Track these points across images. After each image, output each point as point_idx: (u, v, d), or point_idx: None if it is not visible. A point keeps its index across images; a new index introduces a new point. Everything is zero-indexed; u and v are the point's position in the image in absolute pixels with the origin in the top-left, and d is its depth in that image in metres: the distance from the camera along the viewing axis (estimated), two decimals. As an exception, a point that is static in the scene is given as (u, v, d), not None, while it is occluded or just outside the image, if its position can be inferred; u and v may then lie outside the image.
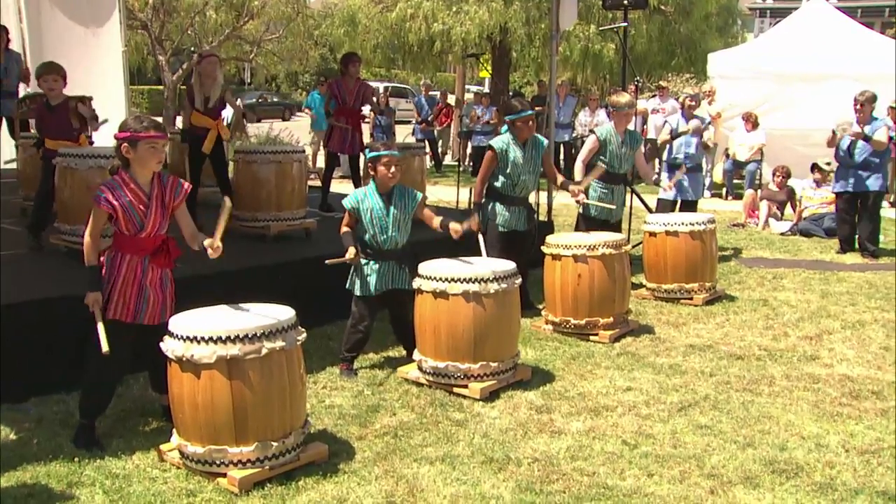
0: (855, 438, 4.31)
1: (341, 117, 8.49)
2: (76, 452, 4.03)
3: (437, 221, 5.21)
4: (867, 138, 8.53)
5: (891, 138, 9.15)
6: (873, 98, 8.78)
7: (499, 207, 6.41)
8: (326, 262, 5.03)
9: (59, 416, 4.48)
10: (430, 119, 17.45)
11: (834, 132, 8.80)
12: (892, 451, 4.16)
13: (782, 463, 4.00)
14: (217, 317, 3.92)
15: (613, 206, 7.07)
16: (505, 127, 6.47)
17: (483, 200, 6.49)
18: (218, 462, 3.77)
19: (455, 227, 5.12)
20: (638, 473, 3.91)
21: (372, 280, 5.14)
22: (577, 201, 6.96)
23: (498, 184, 6.39)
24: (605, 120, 11.20)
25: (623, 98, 7.26)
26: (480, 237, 6.05)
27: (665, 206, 8.52)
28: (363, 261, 5.15)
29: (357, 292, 5.18)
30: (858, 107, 8.72)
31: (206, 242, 4.03)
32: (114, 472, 3.88)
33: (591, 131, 7.42)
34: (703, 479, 3.85)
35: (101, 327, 3.92)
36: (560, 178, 6.66)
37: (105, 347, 3.86)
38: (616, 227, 7.27)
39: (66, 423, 4.35)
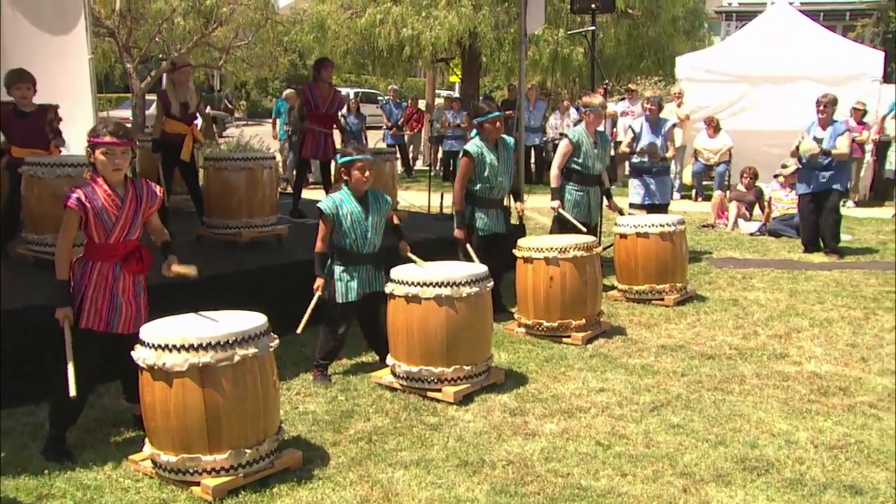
0: (823, 434, 4.37)
1: (314, 123, 8.45)
2: (46, 464, 3.99)
3: (391, 226, 5.37)
4: (827, 153, 8.68)
5: (853, 140, 9.29)
6: (834, 101, 8.94)
7: (478, 213, 6.41)
8: (298, 331, 5.07)
9: (28, 428, 4.43)
10: (399, 124, 17.45)
11: (797, 151, 8.90)
12: (859, 445, 4.22)
13: (753, 460, 4.05)
14: (188, 324, 3.90)
15: (584, 230, 6.99)
16: (474, 131, 6.49)
17: (462, 211, 6.45)
18: (191, 470, 3.75)
19: (406, 251, 5.30)
20: (611, 473, 3.94)
21: (353, 286, 5.14)
22: (553, 208, 7.08)
23: (477, 189, 6.38)
24: (576, 122, 11.26)
25: (596, 99, 7.35)
26: (468, 246, 6.13)
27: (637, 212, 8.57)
28: (340, 267, 5.14)
29: (338, 300, 5.15)
30: (821, 108, 8.87)
31: (172, 267, 4.18)
32: (85, 483, 3.85)
33: (564, 135, 7.42)
34: (676, 478, 3.88)
35: (71, 369, 3.85)
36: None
37: (73, 392, 3.81)
38: (594, 230, 7.32)
39: (36, 434, 4.31)
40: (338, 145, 8.98)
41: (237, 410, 3.76)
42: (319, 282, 5.12)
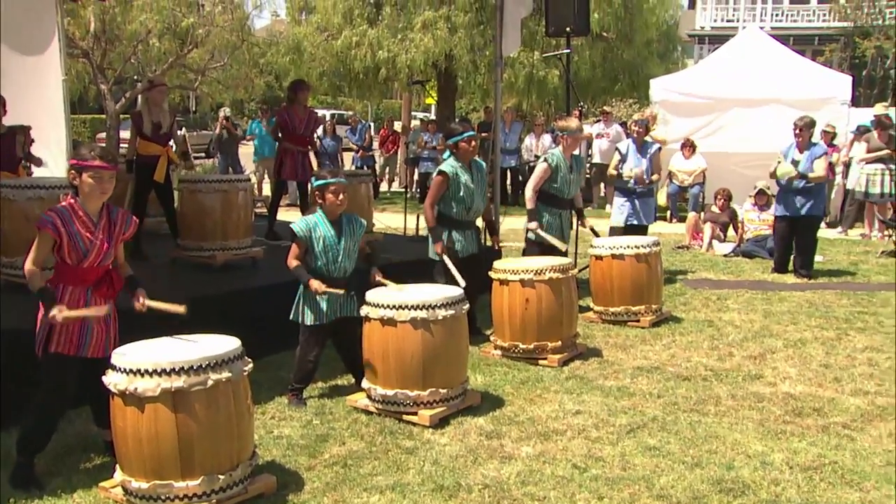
0: (798, 455, 4.39)
1: (291, 144, 8.43)
2: (13, 493, 3.91)
3: (362, 256, 5.30)
4: (804, 177, 8.74)
5: (829, 164, 9.39)
6: (812, 123, 9.01)
7: (455, 234, 6.38)
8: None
9: (-5, 455, 4.34)
10: (365, 146, 17.62)
11: (774, 173, 8.96)
12: (833, 466, 4.24)
13: (729, 482, 4.05)
14: (161, 348, 3.86)
15: (564, 246, 6.97)
16: (447, 153, 6.49)
17: (437, 227, 6.44)
18: (163, 497, 3.70)
19: (377, 276, 5.21)
20: (588, 497, 3.93)
21: (323, 309, 5.10)
22: (529, 229, 7.09)
23: (454, 211, 6.37)
24: (550, 145, 11.29)
25: (573, 122, 7.39)
26: (447, 260, 6.09)
27: (617, 232, 8.58)
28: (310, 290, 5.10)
29: (307, 322, 5.12)
30: (798, 131, 8.92)
31: (147, 303, 4.10)
32: (54, 511, 3.77)
33: (544, 159, 7.40)
34: (653, 501, 3.88)
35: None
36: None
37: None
38: (565, 252, 7.33)
39: (3, 462, 4.21)
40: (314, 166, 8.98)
41: (210, 435, 3.72)
42: (315, 283, 5.00)
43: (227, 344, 3.90)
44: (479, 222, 6.60)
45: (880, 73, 26.30)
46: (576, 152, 7.48)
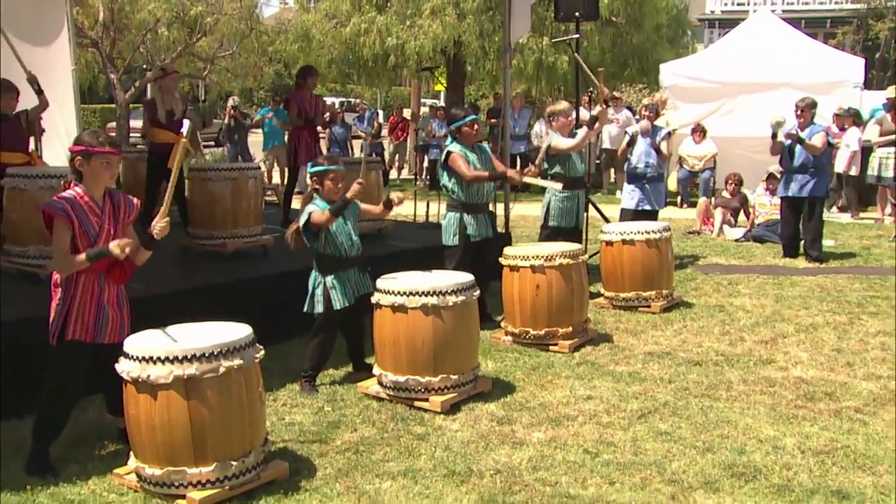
0: (810, 440, 4.38)
1: (304, 131, 8.45)
2: (29, 480, 3.94)
3: (377, 210, 5.35)
4: (801, 141, 8.71)
5: (830, 144, 9.34)
6: (813, 104, 8.99)
7: (467, 218, 6.38)
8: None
9: (10, 443, 4.36)
10: (373, 133, 17.66)
11: (773, 136, 8.88)
12: (846, 450, 4.23)
13: (741, 466, 4.05)
14: (173, 336, 3.87)
15: (559, 186, 6.97)
16: (449, 139, 6.48)
17: (449, 213, 6.47)
18: (177, 484, 3.72)
19: (395, 198, 5.23)
20: (600, 482, 3.93)
21: (347, 290, 5.13)
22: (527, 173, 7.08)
23: (464, 194, 6.38)
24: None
25: (560, 105, 7.48)
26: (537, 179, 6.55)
27: (627, 217, 8.59)
28: (331, 276, 5.10)
29: (336, 307, 5.10)
30: (799, 112, 8.92)
31: (152, 228, 4.02)
32: (69, 498, 3.80)
33: (548, 147, 7.40)
34: (664, 486, 3.88)
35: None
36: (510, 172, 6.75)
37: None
38: (579, 235, 7.34)
39: (19, 449, 4.24)
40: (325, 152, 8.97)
41: (223, 422, 3.74)
42: (355, 185, 4.97)
43: (238, 331, 3.91)
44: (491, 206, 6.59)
45: (894, 55, 26.06)
46: (576, 131, 7.51)
